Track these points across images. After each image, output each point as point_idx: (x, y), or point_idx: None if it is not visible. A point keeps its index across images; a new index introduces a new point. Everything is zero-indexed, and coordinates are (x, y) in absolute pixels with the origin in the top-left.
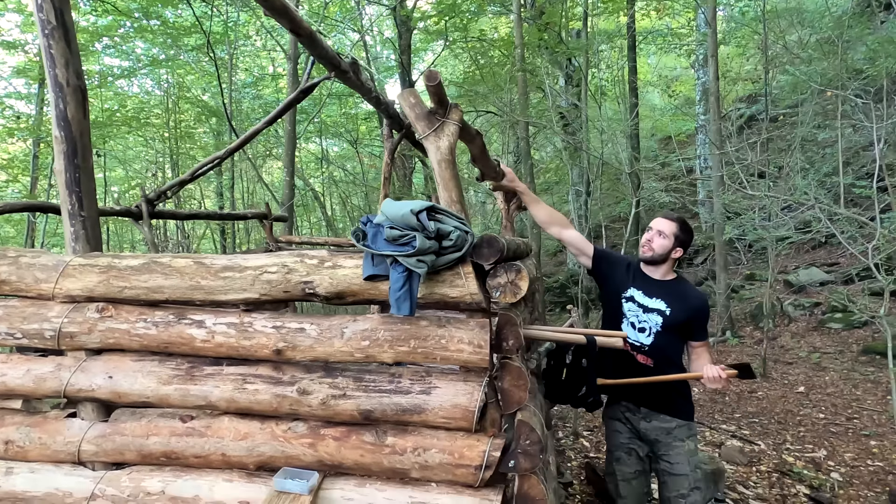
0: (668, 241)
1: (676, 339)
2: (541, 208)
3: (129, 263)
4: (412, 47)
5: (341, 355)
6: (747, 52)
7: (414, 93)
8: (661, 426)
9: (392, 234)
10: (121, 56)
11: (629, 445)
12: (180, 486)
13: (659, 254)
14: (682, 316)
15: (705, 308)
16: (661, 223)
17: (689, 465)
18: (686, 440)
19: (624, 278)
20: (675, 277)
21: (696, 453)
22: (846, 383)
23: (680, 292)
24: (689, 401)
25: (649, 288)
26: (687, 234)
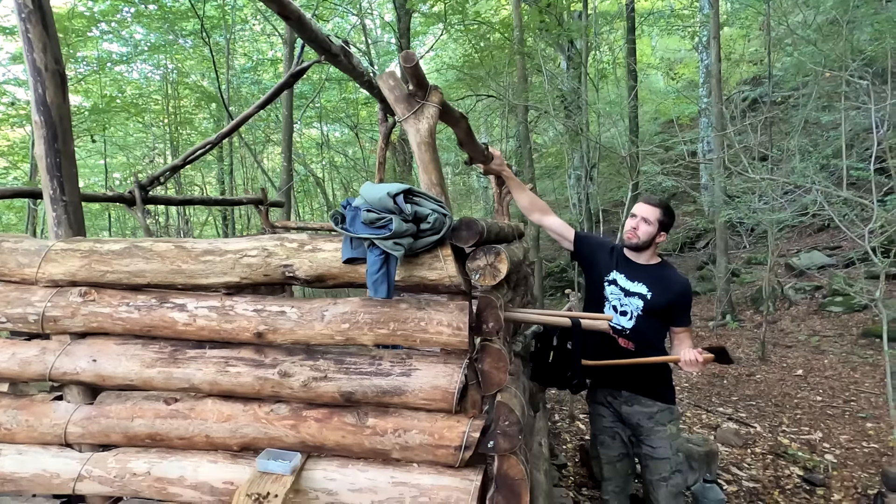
0: (653, 227)
1: (658, 324)
2: (523, 194)
3: (111, 248)
4: (412, 31)
5: (322, 338)
6: (751, 34)
7: (393, 75)
8: (642, 410)
9: (369, 217)
10: (119, 41)
11: (613, 429)
12: (165, 466)
13: (644, 241)
14: (663, 300)
15: (687, 293)
16: (645, 209)
17: (671, 449)
18: (667, 424)
19: (607, 262)
20: (658, 262)
21: (678, 437)
22: (845, 366)
23: (662, 277)
24: (670, 385)
25: (632, 272)
26: (670, 218)
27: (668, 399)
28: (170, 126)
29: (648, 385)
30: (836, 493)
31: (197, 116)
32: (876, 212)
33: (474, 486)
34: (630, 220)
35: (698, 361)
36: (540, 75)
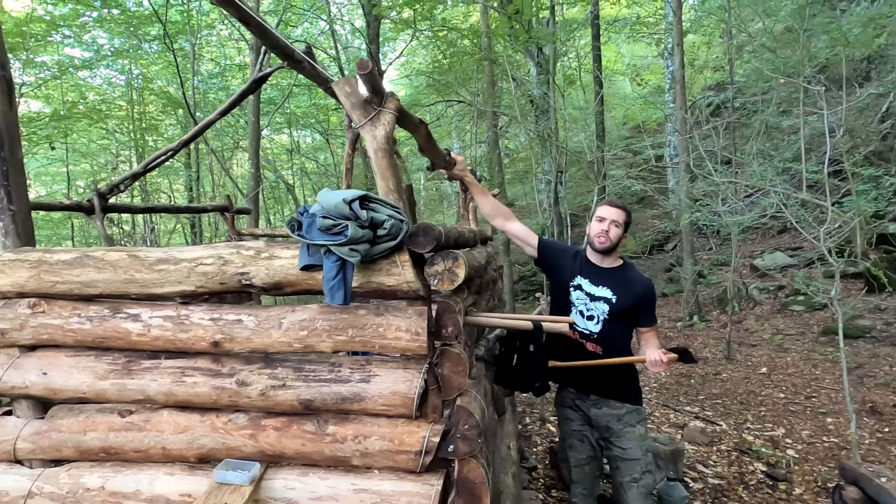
0: (621, 229)
1: (624, 326)
2: (486, 200)
3: (61, 258)
4: (382, 37)
5: (280, 346)
6: (713, 41)
7: (350, 81)
8: (611, 412)
9: (325, 224)
10: (81, 46)
11: (581, 432)
12: (120, 481)
13: (614, 243)
14: (628, 303)
15: (650, 293)
16: (614, 212)
17: (641, 450)
18: (636, 425)
19: (571, 267)
20: (620, 264)
21: (647, 437)
22: (806, 363)
23: (625, 279)
24: (637, 386)
25: (596, 276)
26: (630, 219)
27: (635, 400)
28: (135, 133)
29: (616, 387)
30: (797, 488)
31: (163, 122)
32: (830, 213)
33: (435, 490)
34: (599, 224)
35: (663, 361)
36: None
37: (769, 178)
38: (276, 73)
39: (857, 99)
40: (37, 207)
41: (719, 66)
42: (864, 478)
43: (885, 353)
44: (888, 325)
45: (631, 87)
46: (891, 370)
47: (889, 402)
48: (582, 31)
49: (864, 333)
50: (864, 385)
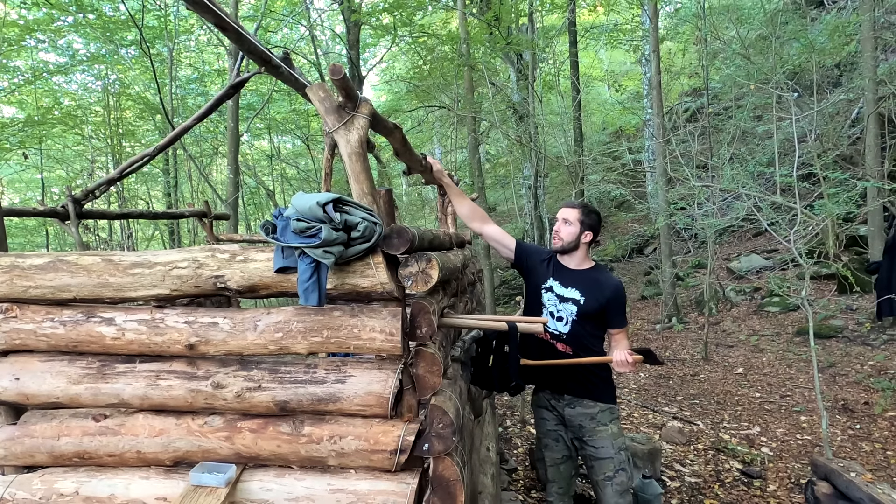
0: (574, 227)
1: (593, 327)
2: (464, 203)
3: (34, 262)
4: (363, 42)
5: (255, 348)
6: (688, 48)
7: (323, 87)
8: (584, 412)
9: (299, 227)
10: (56, 51)
11: (556, 432)
12: (95, 485)
13: (568, 241)
14: (596, 304)
15: (619, 295)
16: (565, 211)
17: (614, 448)
18: (609, 424)
19: (544, 270)
20: (591, 266)
21: (620, 436)
22: (781, 363)
23: (594, 281)
24: (610, 384)
25: (565, 278)
26: (592, 217)
27: (608, 399)
28: (111, 138)
29: (588, 386)
30: (771, 484)
31: (140, 128)
32: (800, 216)
33: (411, 489)
34: (555, 226)
35: (628, 362)
36: (490, 87)
37: (742, 182)
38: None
39: (827, 104)
40: (9, 214)
41: (695, 72)
42: (834, 473)
43: (857, 353)
44: (859, 325)
45: (609, 92)
46: (862, 369)
47: (860, 399)
48: (560, 38)
49: (837, 333)
50: (836, 383)
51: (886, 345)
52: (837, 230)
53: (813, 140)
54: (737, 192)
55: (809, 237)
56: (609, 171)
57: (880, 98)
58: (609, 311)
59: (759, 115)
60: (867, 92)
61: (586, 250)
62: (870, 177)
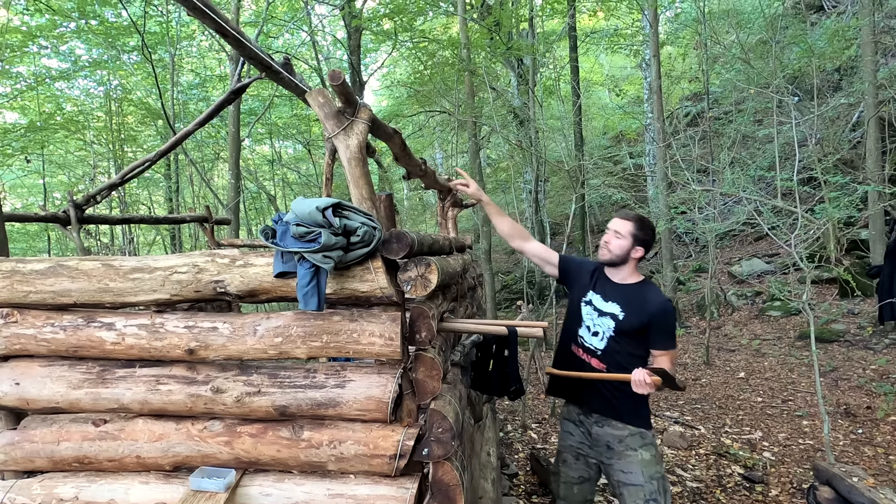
0: (626, 241)
1: (632, 346)
2: (503, 221)
3: (34, 267)
4: (364, 48)
5: (255, 353)
6: (688, 53)
7: (322, 92)
8: (612, 433)
9: (299, 231)
10: (59, 57)
11: (578, 450)
12: (94, 490)
13: (617, 255)
14: (636, 321)
15: (664, 314)
16: (617, 223)
17: (644, 476)
18: (639, 449)
19: (586, 283)
20: (638, 281)
21: (653, 465)
22: (783, 367)
23: (638, 297)
24: (644, 407)
25: (607, 291)
26: (645, 232)
27: (639, 423)
28: (113, 144)
29: (616, 407)
30: (773, 489)
31: (142, 133)
32: (801, 220)
33: (410, 493)
34: (604, 236)
35: (646, 382)
36: (491, 92)
37: (743, 186)
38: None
39: (827, 108)
40: (11, 219)
41: (695, 76)
42: (836, 478)
43: (859, 357)
44: (861, 329)
45: (610, 97)
46: (864, 373)
47: (862, 404)
48: (561, 43)
49: (839, 337)
50: (838, 388)
51: (888, 349)
52: (838, 234)
53: (813, 144)
54: (737, 196)
55: (810, 241)
56: (610, 176)
57: (881, 102)
58: (650, 330)
59: (760, 119)
60: (867, 96)
61: (635, 265)
62: (870, 181)
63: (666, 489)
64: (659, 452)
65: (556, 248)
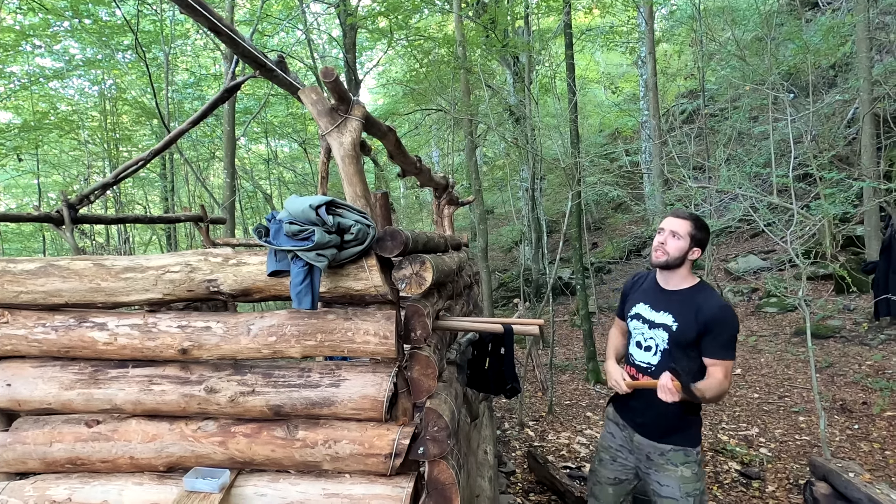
0: (684, 241)
1: (689, 358)
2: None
3: (25, 267)
4: (359, 46)
5: (249, 352)
6: (684, 50)
7: (316, 89)
8: (655, 445)
9: (292, 230)
10: (52, 56)
11: (616, 452)
12: (88, 492)
13: (675, 257)
14: (692, 330)
15: (722, 320)
16: (674, 223)
17: (680, 492)
18: (680, 466)
19: (634, 296)
20: (693, 285)
21: (693, 482)
22: (779, 364)
23: (693, 302)
24: (694, 429)
25: (658, 300)
26: (703, 232)
27: (685, 442)
28: (108, 143)
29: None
30: (770, 485)
31: (137, 133)
32: (796, 216)
33: (406, 492)
34: (657, 237)
35: (670, 389)
36: (486, 89)
37: (739, 183)
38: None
39: (823, 105)
40: (4, 219)
41: (691, 74)
42: (833, 473)
43: (855, 352)
44: (857, 325)
45: (606, 94)
46: (860, 369)
47: (858, 399)
48: (556, 40)
49: (834, 333)
50: (834, 383)
51: (884, 344)
52: (834, 230)
53: (809, 141)
54: (733, 193)
55: (806, 238)
56: (606, 173)
57: (875, 98)
58: (705, 338)
59: (756, 116)
60: (862, 92)
61: (690, 268)
62: (866, 177)
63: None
64: (702, 470)
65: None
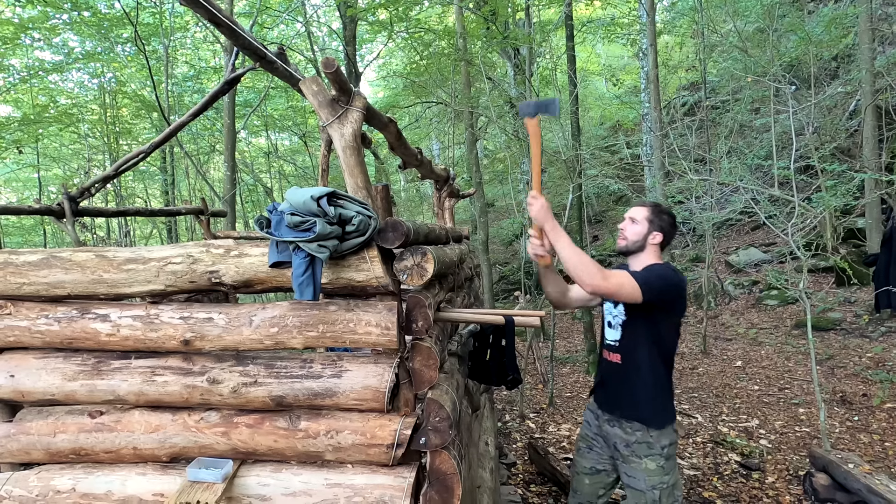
0: (641, 226)
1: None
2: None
3: (28, 259)
4: (359, 38)
5: (251, 343)
6: (685, 42)
7: (316, 80)
8: (622, 435)
9: (294, 221)
10: (52, 49)
11: (592, 441)
12: (91, 482)
13: (633, 241)
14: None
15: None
16: (632, 210)
17: (645, 484)
18: (644, 458)
19: None
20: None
21: (659, 474)
22: (780, 356)
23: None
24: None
25: None
26: (662, 218)
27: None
28: (108, 136)
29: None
30: (770, 476)
31: (137, 126)
32: (797, 209)
33: (408, 483)
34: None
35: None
36: (487, 82)
37: (740, 176)
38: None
39: (824, 97)
40: (5, 212)
41: (692, 66)
42: (833, 464)
43: (855, 345)
44: (857, 317)
45: (607, 87)
46: (860, 361)
47: (858, 391)
48: (557, 32)
49: (835, 326)
50: (834, 375)
51: (884, 337)
52: (835, 223)
53: (811, 133)
54: (735, 185)
55: (807, 230)
56: (607, 166)
57: (878, 90)
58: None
59: (757, 108)
60: (864, 84)
61: (655, 253)
62: (867, 169)
63: (672, 500)
64: (673, 464)
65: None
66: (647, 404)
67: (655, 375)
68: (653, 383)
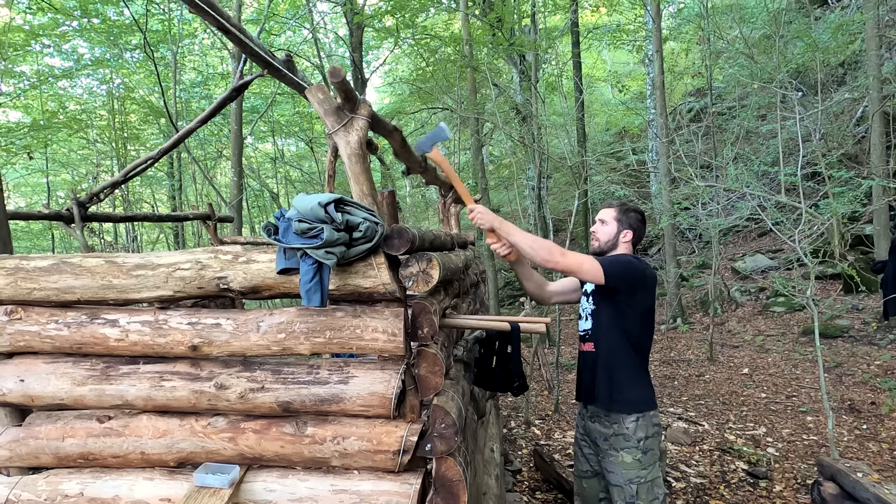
0: (611, 226)
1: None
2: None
3: (38, 265)
4: (365, 45)
5: (258, 349)
6: (692, 48)
7: (322, 88)
8: (600, 430)
9: (301, 227)
10: (61, 56)
11: (581, 442)
12: (99, 486)
13: (605, 241)
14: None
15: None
16: (602, 212)
17: (623, 478)
18: (620, 452)
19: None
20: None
21: (635, 468)
22: (787, 363)
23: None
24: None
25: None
26: (630, 216)
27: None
28: (116, 142)
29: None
30: (777, 485)
31: (145, 132)
32: (804, 215)
33: (414, 489)
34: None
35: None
36: (493, 88)
37: (746, 182)
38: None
39: (832, 103)
40: (15, 217)
41: (698, 72)
42: (841, 473)
43: (863, 352)
44: (865, 325)
45: (612, 93)
46: (868, 368)
47: (867, 399)
48: (563, 39)
49: (843, 333)
50: (842, 383)
51: (893, 344)
52: (843, 229)
53: (817, 139)
54: (741, 191)
55: (814, 237)
56: (613, 172)
57: (885, 96)
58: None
59: (763, 114)
60: (872, 90)
61: (628, 250)
62: (875, 175)
63: (652, 497)
64: (652, 459)
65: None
66: (621, 389)
67: (629, 360)
68: (627, 367)
